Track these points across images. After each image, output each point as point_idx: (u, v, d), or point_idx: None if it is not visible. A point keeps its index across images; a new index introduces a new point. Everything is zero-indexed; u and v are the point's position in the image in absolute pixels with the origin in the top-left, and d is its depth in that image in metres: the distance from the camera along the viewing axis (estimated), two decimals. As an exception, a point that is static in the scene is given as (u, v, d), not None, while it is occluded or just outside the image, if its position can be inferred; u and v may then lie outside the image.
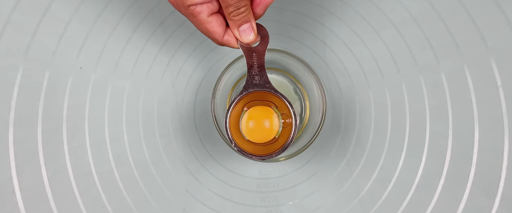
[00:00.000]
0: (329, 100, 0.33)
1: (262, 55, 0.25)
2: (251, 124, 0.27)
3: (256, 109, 0.27)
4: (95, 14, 0.31)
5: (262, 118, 0.27)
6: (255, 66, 0.25)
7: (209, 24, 0.23)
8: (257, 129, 0.27)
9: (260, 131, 0.27)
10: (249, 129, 0.26)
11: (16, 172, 0.28)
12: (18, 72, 0.29)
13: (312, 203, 0.32)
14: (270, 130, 0.26)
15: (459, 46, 0.30)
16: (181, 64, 0.33)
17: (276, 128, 0.26)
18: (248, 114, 0.27)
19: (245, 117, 0.27)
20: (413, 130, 0.30)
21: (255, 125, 0.27)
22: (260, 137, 0.26)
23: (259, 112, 0.27)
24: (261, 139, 0.26)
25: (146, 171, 0.31)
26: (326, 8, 0.33)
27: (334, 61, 0.33)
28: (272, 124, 0.26)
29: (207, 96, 0.33)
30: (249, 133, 0.26)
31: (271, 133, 0.26)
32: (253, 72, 0.25)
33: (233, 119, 0.26)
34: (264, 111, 0.27)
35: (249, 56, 0.25)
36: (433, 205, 0.29)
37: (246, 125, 0.26)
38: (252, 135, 0.26)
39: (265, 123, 0.27)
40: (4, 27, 0.29)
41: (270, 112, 0.27)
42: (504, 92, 0.28)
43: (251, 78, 0.25)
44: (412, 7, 0.31)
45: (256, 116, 0.27)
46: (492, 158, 0.28)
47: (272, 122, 0.27)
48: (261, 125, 0.27)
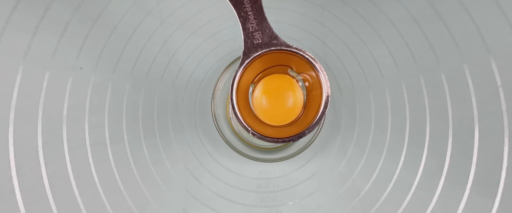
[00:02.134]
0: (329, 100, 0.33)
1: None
2: (265, 103, 0.20)
3: (268, 81, 0.20)
4: (95, 14, 0.31)
5: (279, 94, 0.20)
6: (251, 17, 0.18)
7: None
8: (275, 108, 0.20)
9: (279, 110, 0.20)
10: (264, 111, 0.20)
11: (16, 172, 0.28)
12: (18, 72, 0.29)
13: (312, 203, 0.32)
14: (293, 106, 0.20)
15: (459, 46, 0.30)
16: (181, 64, 0.33)
17: (300, 102, 0.20)
18: (259, 91, 0.20)
19: (256, 95, 0.20)
20: (413, 130, 0.30)
21: (271, 104, 0.20)
22: (281, 118, 0.20)
23: (273, 86, 0.20)
24: (283, 120, 0.20)
25: (146, 171, 0.31)
26: (326, 8, 0.33)
27: (334, 61, 0.33)
28: (296, 98, 0.19)
29: (207, 96, 0.33)
30: (266, 115, 0.20)
31: (294, 110, 0.20)
32: (250, 27, 0.18)
33: (242, 101, 0.19)
34: (279, 82, 0.20)
35: (238, 3, 0.18)
36: (433, 205, 0.29)
37: (259, 106, 0.20)
38: (271, 118, 0.20)
39: (284, 98, 0.20)
40: (4, 27, 0.29)
41: (288, 82, 0.20)
42: (504, 92, 0.28)
43: (250, 37, 0.18)
44: (412, 7, 0.31)
45: (270, 92, 0.20)
46: (492, 158, 0.28)
47: (294, 95, 0.20)
48: (280, 104, 0.20)
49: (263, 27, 0.18)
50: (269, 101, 0.20)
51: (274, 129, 0.20)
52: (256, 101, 0.20)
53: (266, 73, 0.20)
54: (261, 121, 0.20)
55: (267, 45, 0.18)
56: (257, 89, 0.20)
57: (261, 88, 0.20)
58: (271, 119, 0.20)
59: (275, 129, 0.20)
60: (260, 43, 0.18)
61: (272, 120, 0.20)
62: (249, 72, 0.19)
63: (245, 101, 0.20)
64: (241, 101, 0.19)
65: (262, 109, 0.20)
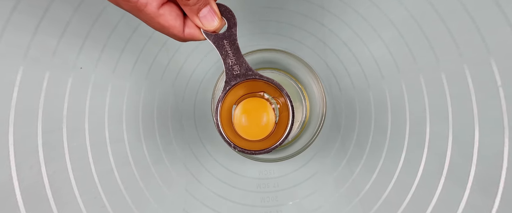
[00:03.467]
0: (329, 100, 0.33)
1: (234, 40, 0.22)
2: (244, 122, 0.24)
3: (246, 104, 0.24)
4: (95, 14, 0.31)
5: (255, 112, 0.24)
6: (230, 55, 0.22)
7: (162, 18, 0.19)
8: (252, 125, 0.24)
9: (256, 126, 0.24)
10: (244, 128, 0.24)
11: (16, 172, 0.28)
12: (18, 72, 0.29)
13: (312, 203, 0.32)
14: (266, 123, 0.24)
15: (459, 46, 0.30)
16: (181, 64, 0.33)
17: (273, 119, 0.24)
18: (238, 112, 0.24)
19: (235, 114, 0.24)
20: (413, 130, 0.30)
21: (249, 122, 0.24)
22: (259, 133, 0.24)
23: (249, 106, 0.24)
24: (261, 134, 0.24)
25: (146, 171, 0.31)
26: (326, 8, 0.33)
27: (334, 61, 0.33)
28: (268, 116, 0.24)
29: (207, 96, 0.33)
30: (245, 132, 0.24)
31: (268, 126, 0.24)
32: (230, 62, 0.22)
33: (225, 120, 0.23)
34: (255, 103, 0.24)
35: (220, 45, 0.22)
36: (433, 205, 0.29)
37: (239, 125, 0.24)
38: (249, 133, 0.24)
39: (259, 117, 0.24)
40: (4, 27, 0.29)
41: (262, 104, 0.24)
42: (504, 92, 0.28)
43: (230, 70, 0.22)
44: (412, 7, 0.31)
45: (247, 111, 0.24)
46: (492, 158, 0.28)
47: (267, 114, 0.24)
48: (256, 120, 0.24)
49: (240, 62, 0.22)
50: (247, 119, 0.24)
51: (252, 143, 0.24)
52: (236, 119, 0.24)
53: (245, 97, 0.24)
54: (241, 137, 0.24)
55: (244, 76, 0.22)
56: (237, 109, 0.24)
57: (240, 109, 0.24)
58: (249, 134, 0.24)
59: (253, 143, 0.24)
60: (238, 74, 0.22)
61: (249, 135, 0.24)
62: (231, 97, 0.23)
63: (228, 121, 0.24)
64: (224, 121, 0.23)
65: (241, 126, 0.24)
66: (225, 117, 0.23)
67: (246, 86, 0.23)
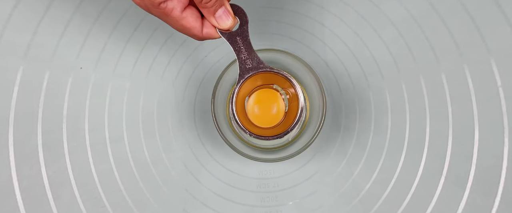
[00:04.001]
0: (329, 100, 0.33)
1: (246, 36, 0.24)
2: (257, 110, 0.27)
3: (258, 94, 0.26)
4: (95, 14, 0.31)
5: (267, 102, 0.26)
6: (243, 50, 0.24)
7: (185, 20, 0.22)
8: (265, 114, 0.27)
9: (268, 115, 0.27)
10: (257, 117, 0.26)
11: (16, 172, 0.28)
12: (18, 72, 0.29)
13: (312, 203, 0.32)
14: (277, 112, 0.26)
15: (459, 46, 0.30)
16: (181, 64, 0.33)
17: (283, 108, 0.26)
18: (251, 102, 0.26)
19: (249, 105, 0.26)
20: (413, 130, 0.30)
21: (261, 111, 0.27)
22: (270, 120, 0.26)
23: (262, 97, 0.26)
24: (272, 122, 0.26)
25: (146, 171, 0.31)
26: (326, 8, 0.33)
27: (334, 61, 0.33)
28: (279, 105, 0.26)
29: (207, 96, 0.33)
30: (257, 120, 0.26)
31: (278, 114, 0.26)
32: (243, 56, 0.24)
33: (239, 110, 0.26)
34: (267, 94, 0.26)
35: (234, 42, 0.24)
36: (433, 205, 0.29)
37: (252, 114, 0.26)
38: (262, 121, 0.26)
39: (270, 106, 0.26)
40: (4, 27, 0.29)
41: (273, 94, 0.26)
42: (504, 92, 0.28)
43: (243, 63, 0.24)
44: (412, 7, 0.31)
45: (260, 101, 0.27)
46: (492, 158, 0.28)
47: (278, 103, 0.26)
48: (267, 110, 0.26)
49: (252, 56, 0.24)
50: (259, 108, 0.27)
51: (264, 130, 0.27)
52: (249, 108, 0.27)
53: (257, 89, 0.27)
54: (254, 125, 0.26)
55: (256, 69, 0.24)
56: (250, 99, 0.27)
57: (253, 99, 0.27)
58: (261, 122, 0.27)
59: (265, 130, 0.26)
60: (251, 67, 0.24)
61: (262, 122, 0.27)
62: (244, 89, 0.26)
63: (242, 110, 0.26)
64: (239, 111, 0.25)
65: (254, 115, 0.27)
66: (239, 107, 0.26)
67: (258, 78, 0.25)
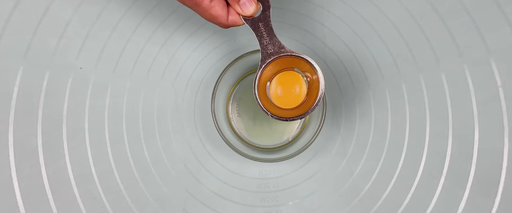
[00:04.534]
0: (329, 100, 0.33)
1: (268, 22, 0.25)
2: (280, 92, 0.27)
3: (281, 76, 0.27)
4: (95, 14, 0.31)
5: (289, 84, 0.27)
6: (265, 35, 0.25)
7: (213, 9, 0.23)
8: (287, 95, 0.27)
9: (290, 96, 0.27)
10: (279, 98, 0.27)
11: (16, 172, 0.28)
12: (18, 72, 0.29)
13: (312, 203, 0.32)
14: (299, 93, 0.27)
15: (459, 46, 0.30)
16: (181, 64, 0.33)
17: (304, 91, 0.27)
18: (274, 83, 0.27)
19: (272, 85, 0.27)
20: (413, 130, 0.30)
21: (284, 92, 0.27)
22: (292, 101, 0.27)
23: (285, 79, 0.27)
24: (294, 103, 0.27)
25: (146, 171, 0.31)
26: (326, 8, 0.33)
27: (334, 61, 0.33)
28: (301, 87, 0.27)
29: (207, 96, 0.33)
30: (280, 101, 0.27)
31: (300, 96, 0.27)
32: (264, 42, 0.25)
33: (261, 93, 0.27)
34: (289, 76, 0.27)
35: (256, 28, 0.25)
36: (433, 205, 0.29)
37: (275, 95, 0.27)
38: (284, 102, 0.27)
39: (293, 88, 0.27)
40: (4, 27, 0.29)
41: (295, 77, 0.27)
42: (504, 92, 0.28)
43: (265, 49, 0.25)
44: (412, 7, 0.31)
45: (283, 83, 0.27)
46: (492, 158, 0.28)
47: (300, 85, 0.27)
48: (290, 91, 0.27)
49: (273, 41, 0.25)
50: (282, 89, 0.27)
51: (285, 111, 0.27)
52: (272, 89, 0.27)
53: (279, 73, 0.27)
54: (275, 107, 0.27)
55: (277, 53, 0.25)
56: (273, 81, 0.27)
57: (276, 81, 0.27)
58: (283, 103, 0.27)
59: (285, 112, 0.27)
60: (272, 52, 0.25)
61: (284, 103, 0.27)
62: (266, 73, 0.26)
63: (263, 93, 0.27)
64: (261, 94, 0.26)
65: (276, 96, 0.27)
66: (261, 91, 0.27)
67: (279, 63, 0.26)
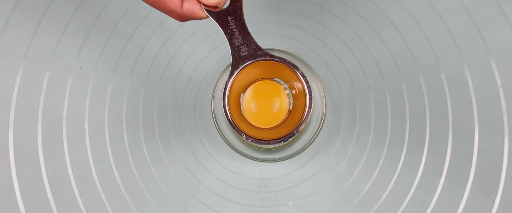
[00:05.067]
0: (329, 100, 0.33)
1: (240, 16, 0.19)
2: (254, 107, 0.21)
3: (257, 87, 0.21)
4: (95, 14, 0.31)
5: (267, 97, 0.21)
6: (236, 34, 0.19)
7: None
8: (264, 111, 0.21)
9: (268, 113, 0.21)
10: (254, 115, 0.21)
11: (16, 172, 0.28)
12: (18, 72, 0.29)
13: (312, 203, 0.32)
14: (279, 109, 0.21)
15: (459, 46, 0.30)
16: (181, 64, 0.33)
17: (286, 105, 0.21)
18: (248, 96, 0.21)
19: (245, 99, 0.21)
20: (413, 130, 0.30)
21: (259, 108, 0.21)
22: (270, 120, 0.21)
23: (261, 90, 0.21)
24: (272, 122, 0.21)
25: (146, 171, 0.31)
26: (326, 8, 0.33)
27: (334, 61, 0.33)
28: (282, 101, 0.21)
29: (207, 96, 0.33)
30: (255, 119, 0.21)
31: (281, 113, 0.21)
32: (236, 42, 0.20)
33: (233, 108, 0.21)
34: (267, 87, 0.21)
35: (224, 23, 0.19)
36: (433, 205, 0.29)
37: (248, 111, 0.21)
38: (260, 120, 0.21)
39: (271, 103, 0.21)
40: (4, 27, 0.29)
41: (274, 87, 0.21)
42: (504, 92, 0.28)
43: (237, 51, 0.20)
44: (412, 7, 0.31)
45: (259, 96, 0.21)
46: (492, 158, 0.28)
47: (281, 99, 0.21)
48: (268, 106, 0.21)
49: (247, 41, 0.20)
50: (257, 104, 0.21)
51: (263, 132, 0.21)
52: (245, 104, 0.21)
53: (255, 83, 0.22)
54: (252, 125, 0.21)
55: (253, 57, 0.20)
56: (246, 94, 0.21)
57: (250, 92, 0.21)
58: (259, 121, 0.21)
59: (263, 132, 0.21)
60: (246, 55, 0.20)
61: (260, 122, 0.21)
62: (239, 82, 0.21)
63: (236, 108, 0.21)
64: (233, 109, 0.21)
65: (250, 112, 0.21)
66: (233, 105, 0.21)
67: (256, 69, 0.21)
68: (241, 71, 0.20)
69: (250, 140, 0.20)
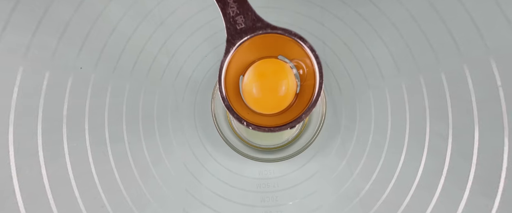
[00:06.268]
0: (329, 100, 0.33)
1: None
2: (256, 91, 0.18)
3: (259, 67, 0.18)
4: (95, 14, 0.31)
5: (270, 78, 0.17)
6: (230, 1, 0.16)
7: None
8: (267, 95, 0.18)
9: (272, 97, 0.18)
10: (256, 100, 0.18)
11: (16, 172, 0.28)
12: (18, 72, 0.29)
13: (312, 203, 0.32)
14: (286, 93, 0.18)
15: (459, 46, 0.30)
16: (181, 64, 0.33)
17: (293, 88, 0.18)
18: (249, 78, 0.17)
19: (245, 81, 0.18)
20: (413, 130, 0.30)
21: (262, 92, 0.18)
22: (275, 105, 0.18)
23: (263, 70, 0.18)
24: (277, 106, 0.18)
25: (146, 171, 0.31)
26: (326, 8, 0.33)
27: (334, 61, 0.33)
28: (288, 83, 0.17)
29: (207, 96, 0.33)
30: (257, 104, 0.18)
31: (287, 96, 0.18)
32: (231, 11, 0.16)
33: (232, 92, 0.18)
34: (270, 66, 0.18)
35: None
36: (433, 205, 0.29)
37: (249, 95, 0.18)
38: (263, 105, 0.18)
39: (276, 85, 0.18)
40: (4, 27, 0.29)
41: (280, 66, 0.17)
42: (504, 92, 0.28)
43: (232, 23, 0.16)
44: (412, 7, 0.31)
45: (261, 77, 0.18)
46: (492, 158, 0.28)
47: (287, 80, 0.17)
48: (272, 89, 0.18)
49: (244, 10, 0.16)
50: (260, 88, 0.18)
51: (268, 118, 0.18)
52: (246, 88, 0.18)
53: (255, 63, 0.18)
54: (254, 112, 0.18)
55: (251, 30, 0.16)
56: (247, 75, 0.18)
57: (250, 74, 0.17)
58: (262, 106, 0.18)
59: (269, 118, 0.18)
60: (243, 28, 0.16)
61: (263, 107, 0.18)
62: (237, 62, 0.17)
63: (235, 92, 0.18)
64: (231, 93, 0.17)
65: (252, 97, 0.18)
66: (231, 88, 0.18)
67: (255, 45, 0.17)
68: (238, 48, 0.17)
69: (251, 127, 0.17)
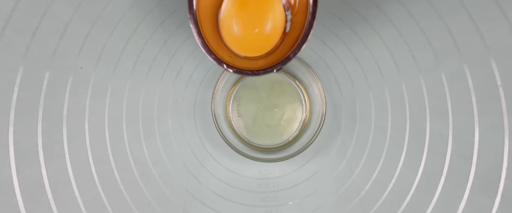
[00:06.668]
0: (329, 100, 0.33)
1: None
2: (237, 28, 0.14)
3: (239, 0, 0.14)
4: (95, 14, 0.31)
5: (254, 13, 0.14)
6: None
7: None
8: (250, 34, 0.15)
9: (255, 36, 0.15)
10: (236, 39, 0.15)
11: (16, 172, 0.28)
12: (18, 72, 0.29)
13: (312, 203, 0.32)
14: (272, 30, 0.15)
15: (459, 46, 0.30)
16: (181, 64, 0.33)
17: (281, 24, 0.15)
18: (227, 11, 0.14)
19: (224, 18, 0.15)
20: (413, 130, 0.30)
21: (244, 29, 0.15)
22: (259, 45, 0.15)
23: (244, 4, 0.14)
24: (263, 48, 0.15)
25: (146, 171, 0.31)
26: (326, 8, 0.33)
27: (334, 61, 0.33)
28: (275, 18, 0.14)
29: (207, 96, 0.33)
30: (238, 44, 0.15)
31: (274, 35, 0.15)
32: None
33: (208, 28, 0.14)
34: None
35: None
36: (433, 205, 0.29)
37: (229, 33, 0.15)
38: (245, 46, 0.15)
39: (260, 21, 0.14)
40: (4, 27, 0.29)
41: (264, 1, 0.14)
42: (504, 92, 0.28)
43: None
44: (412, 7, 0.31)
45: (243, 11, 0.14)
46: (492, 158, 0.28)
47: (274, 14, 0.14)
48: (255, 26, 0.14)
49: None
50: (241, 24, 0.14)
51: (251, 60, 0.16)
52: (224, 25, 0.15)
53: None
54: (235, 53, 0.15)
55: None
56: (224, 9, 0.14)
57: (229, 8, 0.14)
58: (244, 48, 0.15)
59: (252, 61, 0.16)
60: None
61: (246, 49, 0.15)
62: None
63: (212, 28, 0.15)
64: (207, 28, 0.14)
65: (232, 36, 0.15)
66: (207, 24, 0.14)
67: None
68: None
69: (233, 70, 0.15)
